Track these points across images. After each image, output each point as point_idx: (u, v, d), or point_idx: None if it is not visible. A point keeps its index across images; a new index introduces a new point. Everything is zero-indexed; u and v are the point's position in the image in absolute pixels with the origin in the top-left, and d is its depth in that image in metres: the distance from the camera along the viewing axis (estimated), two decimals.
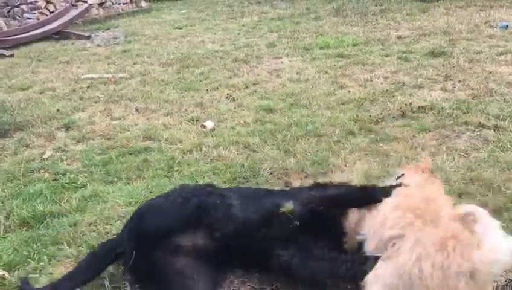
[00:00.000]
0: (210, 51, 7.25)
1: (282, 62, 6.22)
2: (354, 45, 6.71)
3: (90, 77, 6.04)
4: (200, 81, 5.64)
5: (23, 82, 6.01)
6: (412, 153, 3.23)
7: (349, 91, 4.73)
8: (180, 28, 9.75)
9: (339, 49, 6.53)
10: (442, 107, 4.01)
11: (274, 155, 3.41)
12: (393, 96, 4.45)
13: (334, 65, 5.75)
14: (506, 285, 2.04)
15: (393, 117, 3.93)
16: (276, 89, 5.02)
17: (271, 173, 3.18)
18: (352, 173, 3.02)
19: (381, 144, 3.46)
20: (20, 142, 4.01)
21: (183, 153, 3.65)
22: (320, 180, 3.00)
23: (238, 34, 8.59)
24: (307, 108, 4.38)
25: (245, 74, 5.73)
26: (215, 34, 8.83)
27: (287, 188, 2.83)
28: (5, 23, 9.68)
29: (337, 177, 2.99)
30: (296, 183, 3.00)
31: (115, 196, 3.02)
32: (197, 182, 3.11)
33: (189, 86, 5.46)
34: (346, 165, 3.17)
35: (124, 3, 12.22)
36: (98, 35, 9.35)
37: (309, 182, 3.02)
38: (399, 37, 6.98)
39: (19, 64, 7.10)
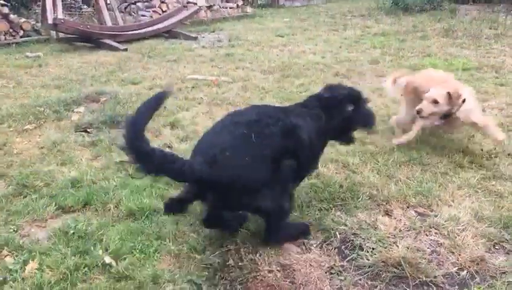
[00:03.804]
0: (311, 62, 7.24)
1: (385, 81, 6.02)
2: (465, 70, 6.34)
3: (195, 78, 6.29)
4: (300, 92, 5.63)
5: (134, 76, 6.41)
6: None
7: None
8: (282, 36, 9.87)
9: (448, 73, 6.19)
10: None
11: (374, 179, 3.30)
12: (509, 131, 4.13)
13: None
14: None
15: (509, 154, 3.64)
16: (378, 110, 4.87)
17: (370, 198, 3.09)
18: (460, 211, 2.84)
19: (494, 183, 3.21)
20: None
21: None
22: (422, 211, 2.90)
23: (340, 47, 8.51)
24: None
25: None
26: (316, 45, 8.83)
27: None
28: (122, 19, 10.42)
29: (444, 213, 2.83)
30: (398, 213, 2.89)
31: None
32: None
33: (288, 96, 5.48)
34: (453, 201, 2.99)
35: (230, 8, 12.66)
36: (204, 37, 9.76)
37: (411, 213, 2.90)
38: None
39: (131, 59, 7.60)
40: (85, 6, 11.64)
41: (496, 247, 2.55)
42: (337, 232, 2.71)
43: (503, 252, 2.51)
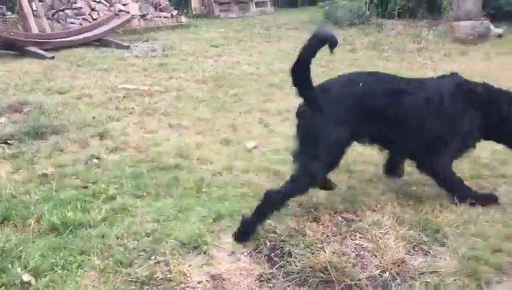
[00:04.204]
0: (245, 72, 7.32)
1: None
2: None
3: (126, 87, 6.15)
4: (234, 102, 5.68)
5: (61, 86, 6.17)
6: (447, 201, 3.16)
7: None
8: (217, 47, 9.90)
9: None
10: (479, 156, 3.92)
11: None
12: None
13: None
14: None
15: None
16: None
17: (300, 205, 3.15)
18: (383, 215, 2.97)
19: (415, 188, 3.40)
20: (54, 147, 4.09)
21: (213, 175, 3.66)
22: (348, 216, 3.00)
23: (274, 58, 8.66)
24: None
25: (279, 100, 5.75)
26: (251, 56, 8.94)
27: None
28: (49, 26, 10.00)
29: (368, 218, 2.94)
30: (325, 219, 2.96)
31: (144, 211, 3.03)
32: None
33: (222, 106, 5.50)
34: (376, 206, 3.12)
35: (165, 17, 12.53)
36: (137, 46, 9.58)
37: (338, 218, 2.99)
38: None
39: (59, 68, 7.31)
40: (9, 13, 11.05)
41: (415, 249, 2.69)
42: (267, 240, 2.74)
43: (421, 254, 2.65)
